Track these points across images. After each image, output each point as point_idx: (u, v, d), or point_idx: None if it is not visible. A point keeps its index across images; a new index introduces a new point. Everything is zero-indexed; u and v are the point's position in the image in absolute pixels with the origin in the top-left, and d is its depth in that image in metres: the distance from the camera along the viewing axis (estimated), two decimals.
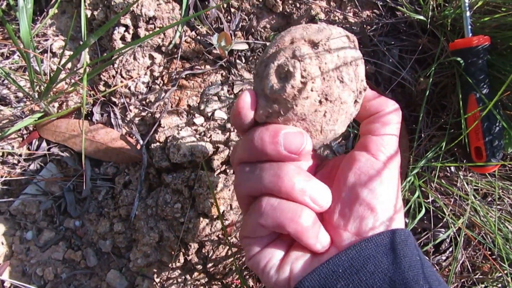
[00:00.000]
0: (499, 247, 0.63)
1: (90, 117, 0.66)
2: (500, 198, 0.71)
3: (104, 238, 0.65)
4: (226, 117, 0.65)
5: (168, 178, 0.62)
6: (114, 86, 0.65)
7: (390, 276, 0.32)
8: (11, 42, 0.64)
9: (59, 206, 0.66)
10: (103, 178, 0.66)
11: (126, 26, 0.66)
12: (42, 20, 0.66)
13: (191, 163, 0.62)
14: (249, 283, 0.65)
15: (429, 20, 0.64)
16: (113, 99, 0.66)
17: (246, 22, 0.68)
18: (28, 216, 0.66)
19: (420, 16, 0.64)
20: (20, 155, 0.65)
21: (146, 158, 0.64)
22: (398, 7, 0.66)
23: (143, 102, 0.66)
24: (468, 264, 0.70)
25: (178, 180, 0.61)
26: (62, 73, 0.62)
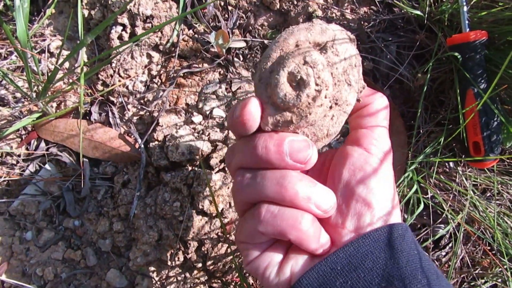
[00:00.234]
0: (498, 242, 0.63)
1: (88, 116, 0.66)
2: (499, 193, 0.71)
3: (104, 238, 0.65)
4: (224, 115, 0.65)
5: (166, 176, 0.62)
6: (112, 85, 0.65)
7: (388, 272, 0.32)
8: (8, 42, 0.64)
9: (58, 206, 0.66)
10: (102, 177, 0.66)
11: (124, 25, 0.66)
12: (40, 20, 0.66)
13: (190, 161, 0.62)
14: (248, 280, 0.65)
15: (426, 16, 0.64)
16: (111, 98, 0.66)
17: (243, 20, 0.68)
18: (28, 216, 0.66)
19: (418, 11, 0.64)
20: (18, 156, 0.65)
21: (144, 157, 0.64)
22: (395, 1, 0.66)
23: (141, 101, 0.66)
24: (467, 260, 0.70)
25: (176, 178, 0.61)
26: (60, 72, 0.62)
